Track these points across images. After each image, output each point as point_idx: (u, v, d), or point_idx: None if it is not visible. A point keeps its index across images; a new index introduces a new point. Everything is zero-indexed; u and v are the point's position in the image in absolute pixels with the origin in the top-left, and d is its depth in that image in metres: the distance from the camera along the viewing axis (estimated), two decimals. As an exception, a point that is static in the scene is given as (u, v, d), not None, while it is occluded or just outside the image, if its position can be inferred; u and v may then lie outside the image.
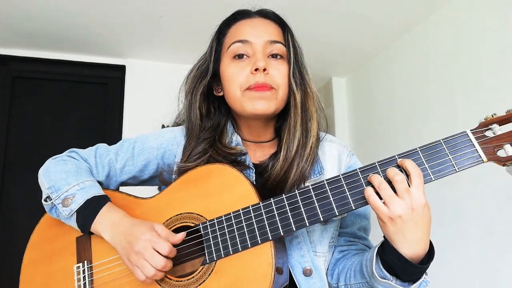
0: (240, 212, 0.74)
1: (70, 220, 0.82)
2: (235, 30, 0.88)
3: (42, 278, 0.85)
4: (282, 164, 0.82)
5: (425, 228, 0.66)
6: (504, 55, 1.86)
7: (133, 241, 0.73)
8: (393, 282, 0.70)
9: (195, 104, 0.88)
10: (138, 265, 0.72)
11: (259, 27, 0.87)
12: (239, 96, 0.83)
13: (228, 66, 0.85)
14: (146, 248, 0.72)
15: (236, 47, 0.84)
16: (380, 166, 0.69)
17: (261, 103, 0.81)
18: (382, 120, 2.76)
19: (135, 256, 0.72)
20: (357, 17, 2.33)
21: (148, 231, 0.73)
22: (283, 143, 0.84)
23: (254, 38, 0.84)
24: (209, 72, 0.88)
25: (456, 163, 0.66)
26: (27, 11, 2.22)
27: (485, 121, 0.68)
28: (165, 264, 0.72)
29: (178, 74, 1.00)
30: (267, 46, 0.84)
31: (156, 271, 0.71)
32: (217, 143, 0.86)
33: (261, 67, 0.81)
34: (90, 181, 0.85)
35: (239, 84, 0.83)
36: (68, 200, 0.81)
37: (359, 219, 0.89)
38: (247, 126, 0.90)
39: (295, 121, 0.84)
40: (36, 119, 2.66)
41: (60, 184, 0.83)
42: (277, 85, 0.83)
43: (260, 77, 0.81)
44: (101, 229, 0.79)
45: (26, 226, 0.95)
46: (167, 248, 0.72)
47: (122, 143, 0.93)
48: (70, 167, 0.86)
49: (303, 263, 0.80)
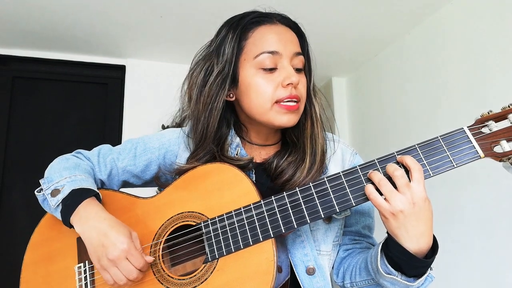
0: (241, 209, 0.75)
1: (56, 211, 0.82)
2: (260, 36, 0.83)
3: (43, 278, 0.85)
4: (307, 172, 0.82)
5: (427, 222, 0.66)
6: (504, 55, 1.86)
7: (108, 247, 0.73)
8: (398, 278, 0.70)
9: (216, 116, 0.83)
10: (109, 271, 0.74)
11: (285, 36, 0.84)
12: (267, 108, 0.81)
13: (255, 76, 0.82)
14: (121, 259, 0.73)
15: (265, 58, 0.81)
16: (380, 163, 0.70)
17: (290, 117, 0.82)
18: (382, 120, 2.77)
19: (107, 262, 0.73)
20: (357, 17, 2.33)
21: (127, 241, 0.74)
22: (307, 152, 0.84)
23: (282, 49, 0.82)
24: (229, 81, 0.83)
25: (454, 159, 0.67)
26: (27, 11, 2.22)
27: (481, 117, 0.69)
28: (137, 276, 0.74)
29: (178, 74, 1.00)
30: (294, 58, 0.83)
31: (127, 280, 0.73)
32: (222, 156, 0.85)
33: (295, 82, 0.81)
34: (83, 176, 0.84)
35: (269, 96, 0.81)
36: (57, 191, 0.81)
37: (363, 218, 0.90)
38: (256, 132, 0.90)
39: (319, 132, 0.86)
40: (36, 119, 2.66)
41: (53, 176, 0.84)
42: (302, 98, 0.84)
43: (292, 91, 0.81)
44: (75, 220, 0.78)
45: (26, 226, 0.95)
46: (142, 263, 0.74)
47: (125, 144, 0.94)
48: (70, 164, 0.87)
49: (306, 262, 0.80)
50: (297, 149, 0.86)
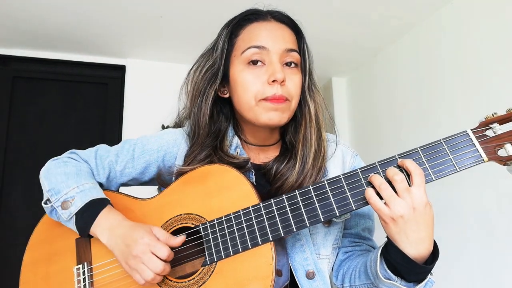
0: (240, 212, 0.74)
1: (69, 222, 0.82)
2: (250, 32, 0.83)
3: (42, 279, 0.85)
4: (298, 176, 0.80)
5: (427, 227, 0.65)
6: (505, 54, 1.86)
7: (131, 245, 0.73)
8: (397, 283, 0.69)
9: (205, 109, 0.84)
10: (137, 269, 0.72)
11: (276, 32, 0.83)
12: (252, 105, 0.80)
13: (242, 72, 0.81)
14: (145, 252, 0.71)
15: (252, 53, 0.80)
16: (381, 166, 0.69)
17: (276, 115, 0.80)
18: (382, 120, 2.76)
19: (133, 260, 0.72)
20: (358, 17, 2.33)
21: (147, 235, 0.73)
22: (298, 155, 0.83)
23: (271, 45, 0.80)
24: (220, 75, 0.84)
25: (457, 162, 0.66)
26: (27, 11, 2.21)
27: (486, 120, 0.67)
28: (163, 268, 0.72)
29: (178, 74, 1.00)
30: (283, 55, 0.81)
31: (155, 275, 0.71)
32: (219, 151, 0.84)
33: (280, 79, 0.78)
34: (90, 184, 0.84)
35: (254, 93, 0.80)
36: (67, 203, 0.80)
37: (363, 220, 0.89)
38: (252, 131, 0.89)
39: (310, 134, 0.84)
40: (36, 119, 2.66)
41: (60, 187, 0.83)
42: (291, 97, 0.81)
43: (278, 89, 0.78)
44: (98, 232, 0.78)
45: (26, 226, 0.94)
46: (166, 253, 0.72)
47: (123, 145, 0.92)
48: (71, 169, 0.85)
49: (306, 266, 0.79)
50: (293, 152, 0.85)
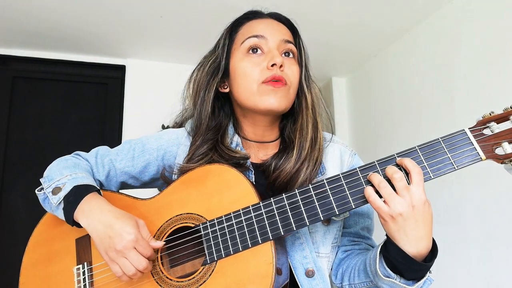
0: (240, 212, 0.74)
1: (58, 209, 0.81)
2: (249, 27, 0.89)
3: (41, 279, 0.85)
4: (295, 163, 0.82)
5: (426, 225, 0.66)
6: (504, 55, 1.86)
7: (115, 238, 0.72)
8: (397, 281, 0.70)
9: (208, 102, 0.88)
10: (118, 263, 0.72)
11: (274, 26, 0.88)
12: (254, 90, 0.83)
13: (242, 61, 0.85)
14: (129, 249, 0.71)
15: (252, 41, 0.85)
16: (380, 165, 0.69)
17: (275, 100, 0.82)
18: (382, 120, 2.76)
19: (115, 253, 0.72)
20: (357, 18, 2.33)
21: (133, 231, 0.73)
22: (295, 143, 0.85)
23: (269, 35, 0.85)
24: (221, 69, 0.88)
25: (455, 161, 0.66)
26: (27, 11, 2.22)
27: (483, 119, 0.68)
28: (146, 266, 0.72)
29: (178, 74, 1.01)
30: (281, 45, 0.86)
31: (137, 271, 0.72)
32: (220, 145, 0.86)
33: (279, 62, 0.82)
34: (84, 174, 0.84)
35: (255, 78, 0.83)
36: (58, 189, 0.81)
37: (362, 219, 0.89)
38: (252, 125, 0.90)
39: (307, 122, 0.86)
40: (36, 119, 2.66)
41: (54, 175, 0.84)
42: (290, 82, 0.85)
43: (277, 71, 0.82)
44: (80, 215, 0.77)
45: (26, 226, 0.94)
46: (149, 253, 0.73)
47: (123, 145, 0.93)
48: (69, 164, 0.87)
49: (305, 264, 0.80)
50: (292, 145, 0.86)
